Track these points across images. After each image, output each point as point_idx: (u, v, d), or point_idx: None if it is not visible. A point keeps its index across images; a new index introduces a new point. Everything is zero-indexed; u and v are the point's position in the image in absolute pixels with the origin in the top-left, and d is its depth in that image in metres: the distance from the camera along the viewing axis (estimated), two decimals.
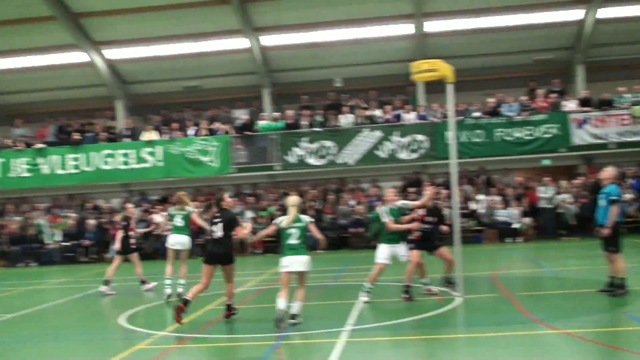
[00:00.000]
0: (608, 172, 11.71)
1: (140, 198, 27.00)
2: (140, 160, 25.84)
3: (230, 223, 11.18)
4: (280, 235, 10.65)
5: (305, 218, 10.81)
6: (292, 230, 10.51)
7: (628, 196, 22.97)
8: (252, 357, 9.03)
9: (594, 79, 26.60)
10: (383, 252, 12.27)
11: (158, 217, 23.38)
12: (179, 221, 14.04)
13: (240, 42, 26.45)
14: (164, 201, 25.14)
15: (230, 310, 11.52)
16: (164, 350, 9.41)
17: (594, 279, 13.63)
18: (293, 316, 10.34)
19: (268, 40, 26.92)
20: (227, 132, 25.90)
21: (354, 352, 8.86)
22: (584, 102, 24.91)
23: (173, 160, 25.66)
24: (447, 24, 26.29)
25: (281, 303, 10.23)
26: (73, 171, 26.15)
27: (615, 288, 11.10)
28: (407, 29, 26.30)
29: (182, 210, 14.08)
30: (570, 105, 24.87)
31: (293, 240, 10.47)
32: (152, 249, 24.37)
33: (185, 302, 10.70)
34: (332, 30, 26.44)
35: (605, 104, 24.54)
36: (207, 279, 11.01)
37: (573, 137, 24.32)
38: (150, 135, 26.13)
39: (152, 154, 25.79)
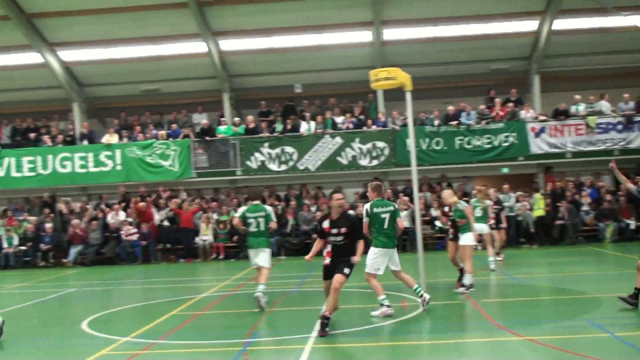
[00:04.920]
0: None
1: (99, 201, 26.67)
2: (99, 163, 25.50)
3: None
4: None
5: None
6: None
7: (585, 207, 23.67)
8: None
9: (549, 89, 27.12)
10: None
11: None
12: None
13: (199, 46, 26.27)
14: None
15: None
16: (127, 357, 9.27)
17: (555, 287, 13.93)
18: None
19: (227, 44, 26.80)
20: (187, 137, 25.76)
21: (319, 358, 8.87)
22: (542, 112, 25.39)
23: (132, 164, 25.41)
24: (406, 32, 26.51)
25: None
26: (29, 174, 25.67)
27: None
28: (365, 36, 26.45)
29: None
30: (527, 114, 25.34)
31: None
32: (113, 253, 24.13)
33: None
34: (291, 36, 26.43)
35: (561, 114, 25.07)
36: None
37: (531, 146, 24.82)
38: (110, 138, 25.83)
39: (110, 157, 25.47)
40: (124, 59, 27.13)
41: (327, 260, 10.48)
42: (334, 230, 10.36)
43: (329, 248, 10.48)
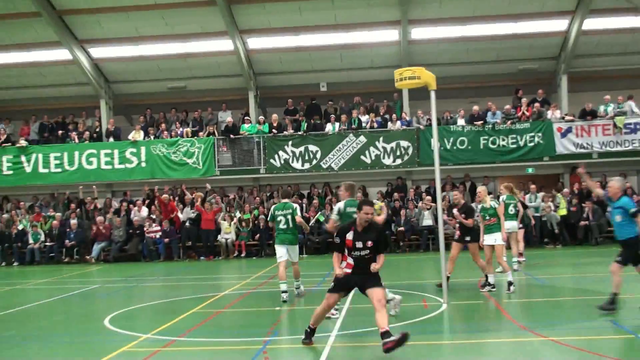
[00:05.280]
0: (615, 185, 11.07)
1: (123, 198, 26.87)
2: (124, 160, 25.74)
3: None
4: None
5: None
6: None
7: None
8: None
9: (577, 89, 26.85)
10: None
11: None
12: None
13: (226, 44, 26.33)
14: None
15: None
16: (148, 354, 9.30)
17: (578, 287, 13.76)
18: None
19: (254, 42, 26.85)
20: (211, 134, 25.87)
21: (338, 357, 8.84)
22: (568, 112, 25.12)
23: (157, 162, 25.60)
24: (433, 31, 26.38)
25: None
26: (56, 170, 25.98)
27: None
28: (393, 35, 26.35)
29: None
30: (554, 114, 25.08)
31: None
32: (136, 250, 24.27)
33: None
34: (318, 35, 26.40)
35: (588, 114, 24.79)
36: None
37: (557, 146, 24.57)
38: (137, 135, 26.06)
39: (135, 154, 25.68)
40: (151, 56, 27.34)
41: (348, 270, 9.13)
42: (359, 244, 9.03)
43: (350, 261, 9.10)
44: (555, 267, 18.00)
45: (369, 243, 8.99)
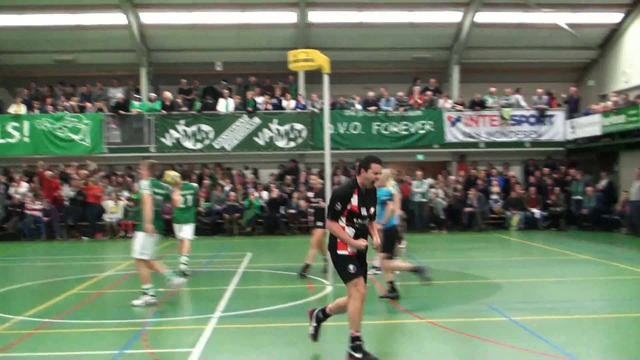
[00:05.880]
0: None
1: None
2: (5, 135, 24.52)
3: None
4: None
5: None
6: None
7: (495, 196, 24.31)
8: (115, 343, 8.65)
9: (468, 80, 27.62)
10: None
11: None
12: None
13: (119, 18, 25.53)
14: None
15: None
16: (21, 336, 8.91)
17: (458, 272, 14.17)
18: None
19: (148, 17, 26.18)
20: (100, 110, 25.03)
21: (220, 338, 8.73)
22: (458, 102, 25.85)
23: (41, 137, 24.52)
24: (331, 15, 26.49)
25: None
26: None
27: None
28: (290, 17, 26.28)
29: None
30: (445, 103, 25.73)
31: None
32: (15, 228, 23.18)
33: None
34: (214, 13, 26.06)
35: (477, 105, 25.57)
36: None
37: (446, 135, 25.24)
38: (18, 109, 24.83)
39: (17, 129, 24.51)
40: (38, 27, 26.15)
41: (363, 243, 7.58)
42: (364, 210, 7.54)
43: (349, 232, 7.50)
44: (438, 251, 18.50)
45: (372, 209, 7.66)
